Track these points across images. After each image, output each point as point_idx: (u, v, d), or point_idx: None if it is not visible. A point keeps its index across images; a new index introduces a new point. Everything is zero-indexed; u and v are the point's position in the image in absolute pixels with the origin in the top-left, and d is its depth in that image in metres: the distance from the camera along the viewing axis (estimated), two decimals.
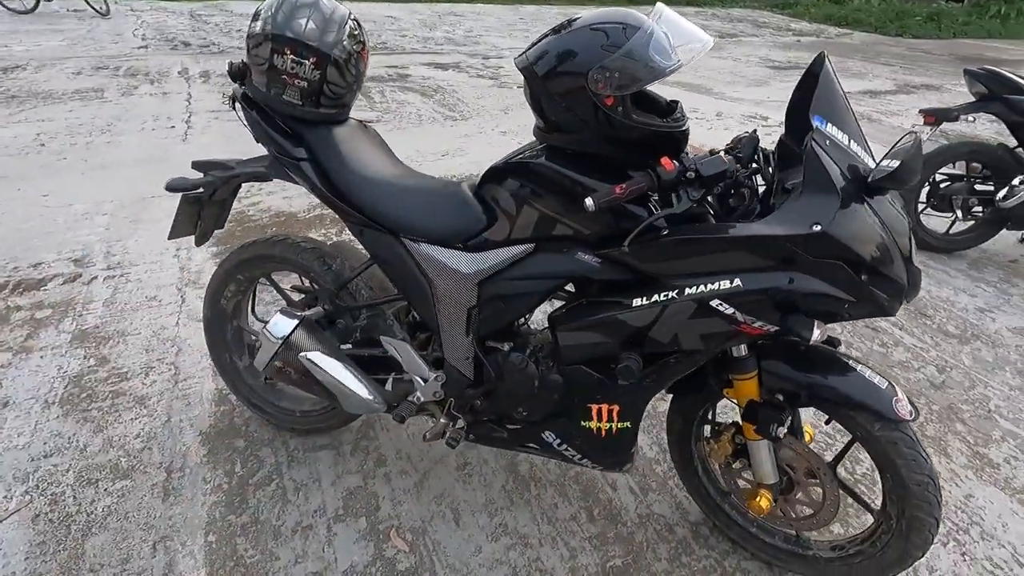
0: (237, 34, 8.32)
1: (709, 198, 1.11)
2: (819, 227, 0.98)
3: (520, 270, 1.24)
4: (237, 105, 1.44)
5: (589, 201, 1.03)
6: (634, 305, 1.13)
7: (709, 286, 1.07)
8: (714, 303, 1.07)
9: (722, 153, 1.13)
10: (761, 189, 1.18)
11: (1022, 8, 15.37)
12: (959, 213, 3.02)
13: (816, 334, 1.02)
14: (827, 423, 1.28)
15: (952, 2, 16.66)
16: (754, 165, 1.15)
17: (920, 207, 3.10)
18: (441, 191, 1.33)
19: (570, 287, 1.32)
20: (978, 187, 3.01)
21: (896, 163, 0.93)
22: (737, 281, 1.05)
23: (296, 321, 1.37)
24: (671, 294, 1.10)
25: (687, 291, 1.08)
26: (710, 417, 1.43)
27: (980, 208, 3.00)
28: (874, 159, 1.07)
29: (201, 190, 1.47)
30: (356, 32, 1.32)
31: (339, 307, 1.47)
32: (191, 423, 1.79)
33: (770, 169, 1.17)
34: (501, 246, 1.24)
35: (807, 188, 1.02)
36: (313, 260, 1.49)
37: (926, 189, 3.06)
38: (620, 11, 1.07)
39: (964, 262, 3.09)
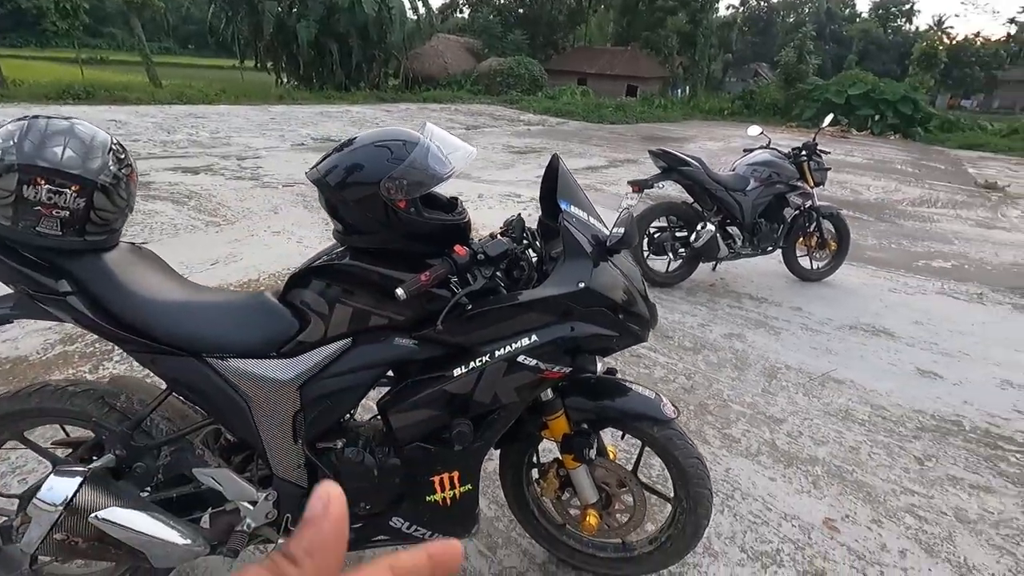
0: None
1: (498, 274, 1.33)
2: (583, 284, 1.26)
3: (341, 365, 1.28)
4: None
5: (400, 291, 1.15)
6: (456, 375, 1.27)
7: (514, 345, 1.27)
8: (520, 359, 1.26)
9: (501, 235, 1.37)
10: (534, 259, 1.45)
11: (674, 102, 21.78)
12: (671, 255, 3.94)
13: (600, 367, 1.29)
14: (622, 438, 1.56)
15: (629, 97, 22.25)
16: (525, 242, 1.42)
17: (645, 254, 3.95)
18: (243, 303, 1.31)
19: (390, 373, 1.40)
20: (678, 234, 3.97)
21: (621, 231, 1.27)
22: (534, 337, 1.27)
23: (80, 479, 1.17)
24: (485, 359, 1.27)
25: (497, 353, 1.27)
26: (536, 461, 1.61)
27: (683, 249, 3.95)
28: (607, 228, 1.42)
29: None
30: (122, 156, 1.27)
31: (135, 449, 1.29)
32: None
33: (537, 243, 1.45)
34: (318, 346, 1.27)
35: (567, 256, 1.30)
36: (88, 404, 1.29)
37: (646, 240, 3.93)
38: (397, 130, 1.26)
39: (682, 291, 3.99)
